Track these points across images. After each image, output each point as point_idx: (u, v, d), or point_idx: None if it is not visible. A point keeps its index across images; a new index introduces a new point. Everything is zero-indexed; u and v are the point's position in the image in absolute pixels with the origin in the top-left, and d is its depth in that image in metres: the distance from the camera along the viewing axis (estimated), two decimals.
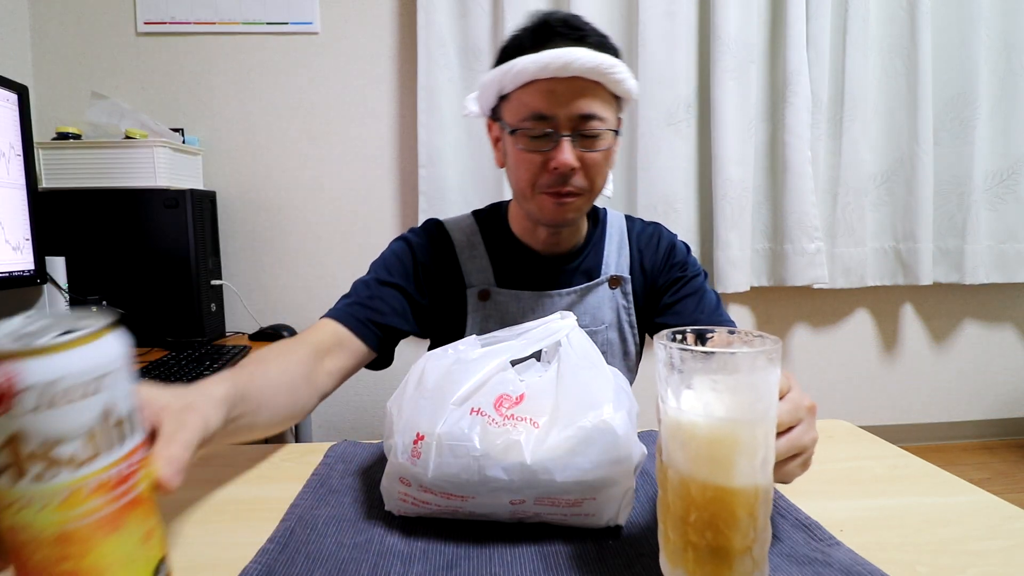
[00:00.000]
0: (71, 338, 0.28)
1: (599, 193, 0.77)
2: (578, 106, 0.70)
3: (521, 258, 0.83)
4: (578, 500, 0.41)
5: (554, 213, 0.74)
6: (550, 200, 0.73)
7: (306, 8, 1.70)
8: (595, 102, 0.70)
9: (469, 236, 0.84)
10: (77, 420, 0.28)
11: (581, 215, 0.78)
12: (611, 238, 0.86)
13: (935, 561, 0.40)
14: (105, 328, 0.30)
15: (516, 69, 0.70)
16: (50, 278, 1.29)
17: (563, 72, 0.68)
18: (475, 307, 0.82)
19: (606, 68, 0.69)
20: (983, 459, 1.91)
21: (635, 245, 0.87)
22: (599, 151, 0.72)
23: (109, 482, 0.29)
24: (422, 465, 0.42)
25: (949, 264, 1.86)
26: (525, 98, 0.71)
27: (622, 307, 0.85)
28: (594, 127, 0.71)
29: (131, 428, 0.31)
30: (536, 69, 0.68)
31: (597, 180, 0.74)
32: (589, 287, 0.83)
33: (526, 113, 0.71)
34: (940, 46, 1.80)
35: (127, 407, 0.31)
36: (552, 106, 0.69)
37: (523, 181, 0.74)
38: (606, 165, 0.75)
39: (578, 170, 0.72)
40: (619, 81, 0.71)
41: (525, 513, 0.43)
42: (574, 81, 0.69)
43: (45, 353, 0.27)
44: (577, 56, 0.67)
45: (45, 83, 1.67)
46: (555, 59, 0.67)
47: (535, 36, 0.71)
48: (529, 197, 0.75)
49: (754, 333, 0.35)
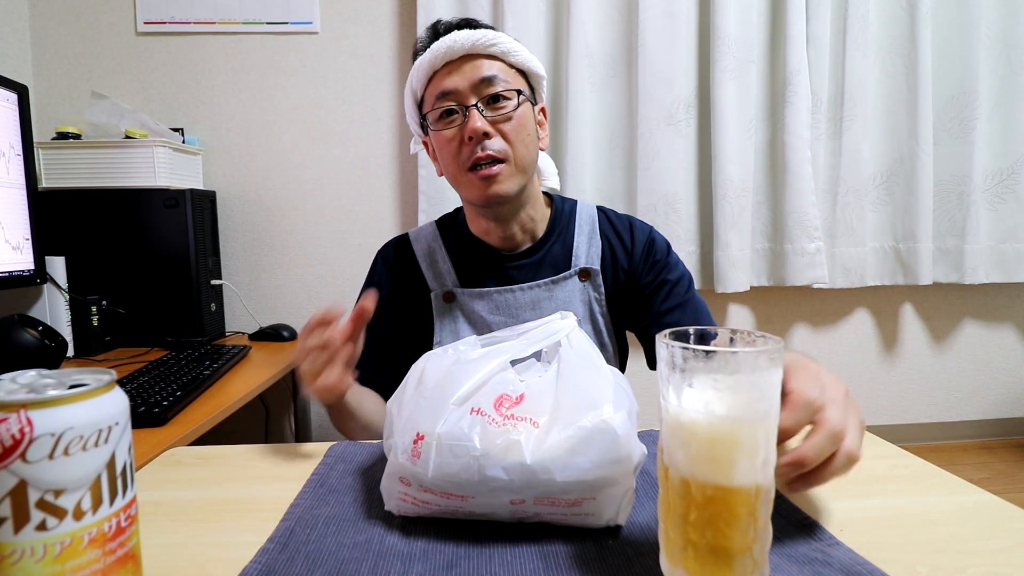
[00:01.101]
0: (82, 391, 0.29)
1: (528, 164, 0.78)
2: (474, 72, 0.75)
3: (482, 257, 0.84)
4: (578, 500, 0.41)
5: (483, 187, 0.75)
6: (476, 177, 0.75)
7: (306, 8, 1.70)
8: (492, 67, 0.76)
9: (430, 243, 0.87)
10: (83, 470, 0.29)
11: (515, 187, 0.77)
12: (581, 229, 0.86)
13: (935, 561, 0.40)
14: (111, 383, 0.31)
15: (416, 69, 0.77)
16: (50, 278, 1.29)
17: (452, 54, 0.75)
18: (441, 310, 0.84)
19: (489, 39, 0.75)
20: (983, 459, 1.91)
21: (606, 236, 0.86)
22: (507, 112, 0.75)
23: (105, 535, 0.30)
24: (422, 465, 0.42)
25: (949, 264, 1.86)
26: (431, 89, 0.77)
27: (594, 299, 0.84)
28: (497, 85, 0.75)
29: (130, 481, 0.32)
30: (430, 60, 0.75)
31: (517, 146, 0.76)
32: (557, 280, 0.83)
33: (433, 98, 0.77)
34: (940, 46, 1.80)
35: (127, 460, 0.32)
36: (451, 80, 0.75)
37: (450, 164, 0.78)
38: (523, 131, 0.77)
39: (493, 135, 0.74)
40: (507, 52, 0.76)
41: (525, 513, 0.43)
42: (467, 58, 0.75)
43: (57, 404, 0.28)
44: (459, 37, 0.74)
45: (45, 83, 1.67)
46: (441, 45, 0.75)
47: (427, 40, 0.79)
48: (461, 180, 0.78)
49: (756, 333, 0.35)
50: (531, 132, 0.78)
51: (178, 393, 0.92)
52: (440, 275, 0.85)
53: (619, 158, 1.78)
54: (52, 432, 0.28)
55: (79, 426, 0.29)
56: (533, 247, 0.84)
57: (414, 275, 0.86)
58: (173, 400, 0.89)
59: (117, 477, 0.31)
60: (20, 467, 0.27)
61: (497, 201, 0.77)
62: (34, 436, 0.27)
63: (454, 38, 0.74)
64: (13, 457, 0.27)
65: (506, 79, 0.76)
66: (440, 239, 0.87)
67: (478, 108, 0.74)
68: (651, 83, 1.69)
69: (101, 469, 0.30)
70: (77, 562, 0.29)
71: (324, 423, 1.83)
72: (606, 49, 1.75)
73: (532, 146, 0.79)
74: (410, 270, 0.86)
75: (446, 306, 0.84)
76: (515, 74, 0.78)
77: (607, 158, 1.78)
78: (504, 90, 0.75)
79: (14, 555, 0.27)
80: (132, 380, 0.99)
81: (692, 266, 1.80)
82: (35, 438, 0.27)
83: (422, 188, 1.69)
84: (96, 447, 0.29)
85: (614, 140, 1.78)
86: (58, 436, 0.28)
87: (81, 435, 0.29)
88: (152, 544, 0.41)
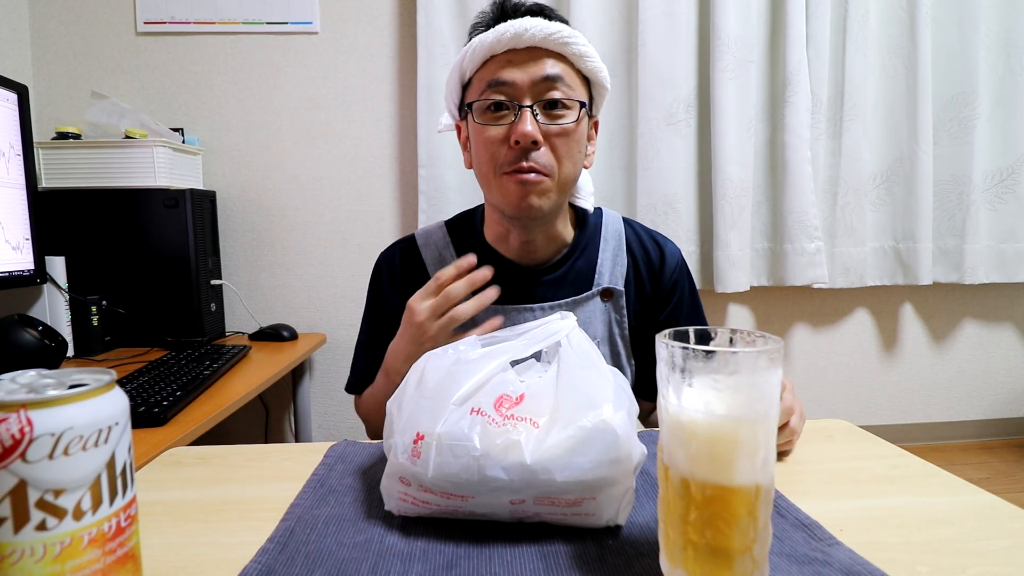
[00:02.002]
0: (82, 391, 0.29)
1: (570, 183, 0.71)
2: (537, 69, 0.66)
3: (500, 270, 0.71)
4: (578, 500, 0.41)
5: (519, 195, 0.67)
6: (513, 181, 0.67)
7: (306, 8, 1.70)
8: (557, 67, 0.67)
9: (441, 251, 0.80)
10: (83, 470, 0.29)
11: (550, 204, 0.70)
12: (606, 244, 0.79)
13: (935, 561, 0.40)
14: (111, 383, 0.31)
15: (472, 48, 0.68)
16: (50, 278, 1.29)
17: (518, 42, 0.66)
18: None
19: (565, 36, 0.66)
20: (983, 459, 1.91)
21: (634, 255, 0.80)
22: (565, 124, 0.67)
23: (105, 535, 0.30)
24: (422, 465, 0.42)
25: (949, 264, 1.86)
26: (484, 74, 0.69)
27: (615, 321, 0.77)
28: (558, 91, 0.67)
29: (130, 481, 0.32)
30: (491, 42, 0.66)
31: (565, 162, 0.68)
32: (579, 300, 0.76)
33: (484, 84, 0.68)
34: (940, 46, 1.80)
35: (127, 460, 0.32)
36: (510, 71, 0.66)
37: (485, 164, 0.69)
38: (575, 147, 0.69)
39: (542, 145, 0.66)
40: (581, 55, 0.68)
41: (525, 513, 0.43)
42: (533, 50, 0.67)
43: (57, 404, 0.28)
44: (531, 25, 0.65)
45: (45, 83, 1.67)
46: (508, 28, 0.65)
47: (491, 18, 0.70)
48: (493, 183, 0.70)
49: (756, 333, 0.35)
50: (582, 149, 0.71)
51: (178, 393, 0.92)
52: None
53: (619, 158, 1.78)
54: (52, 432, 0.28)
55: (79, 426, 0.29)
56: (557, 263, 0.77)
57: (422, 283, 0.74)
58: (173, 400, 0.89)
59: (117, 477, 0.31)
60: (20, 467, 0.27)
61: (528, 215, 0.69)
62: (34, 436, 0.27)
63: (526, 25, 0.65)
64: (13, 457, 0.27)
65: (570, 85, 0.68)
66: (452, 246, 0.80)
67: (532, 111, 0.66)
68: (651, 83, 1.69)
69: (101, 469, 0.30)
70: (77, 562, 0.29)
71: (324, 423, 1.83)
72: (606, 49, 1.75)
73: (579, 164, 0.71)
74: (418, 279, 0.76)
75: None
76: (580, 81, 0.70)
77: (607, 158, 1.78)
78: (566, 98, 0.67)
79: (14, 555, 0.27)
80: (132, 380, 0.99)
81: (692, 266, 1.80)
82: (35, 438, 0.27)
83: (422, 188, 1.69)
84: (96, 447, 0.29)
85: (614, 140, 1.78)
86: (58, 436, 0.28)
87: (81, 435, 0.29)
88: (152, 544, 0.41)
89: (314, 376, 1.82)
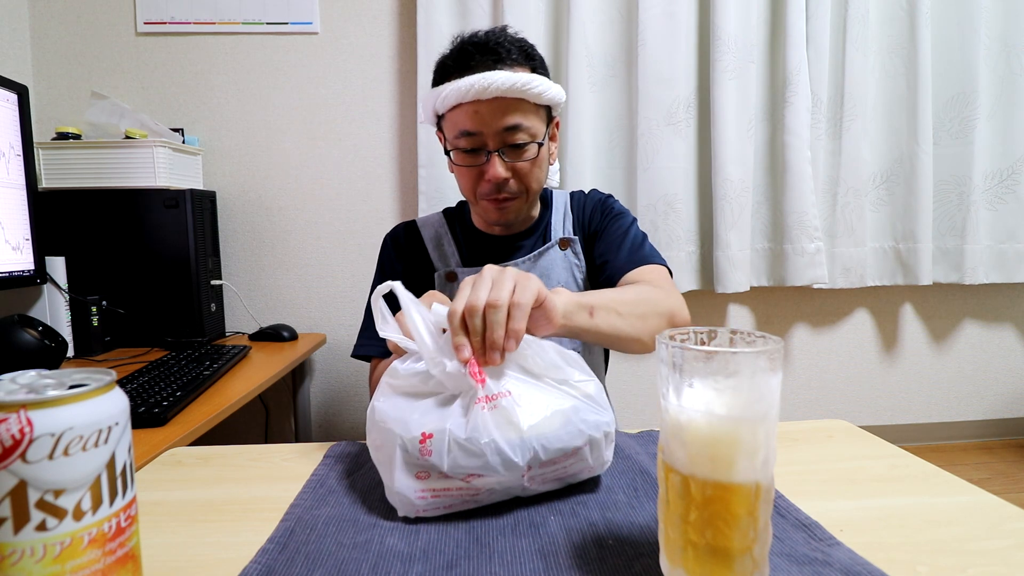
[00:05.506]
0: (81, 391, 0.29)
1: (538, 192, 0.87)
2: (502, 121, 0.78)
3: (484, 243, 0.94)
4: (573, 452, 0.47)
5: (496, 216, 0.85)
6: (490, 205, 0.84)
7: (306, 8, 1.70)
8: (517, 115, 0.78)
9: (437, 229, 0.96)
10: (83, 470, 0.29)
11: (522, 214, 0.88)
12: (557, 210, 0.95)
13: (935, 561, 0.40)
14: (111, 383, 0.31)
15: (443, 95, 0.78)
16: (50, 278, 1.29)
17: (484, 95, 0.76)
18: (443, 288, 0.91)
19: (522, 85, 0.76)
20: (983, 459, 1.91)
21: (574, 210, 0.95)
22: (527, 160, 0.81)
23: (105, 535, 0.30)
24: (436, 458, 0.44)
25: (949, 264, 1.86)
26: (455, 118, 0.80)
27: (574, 265, 0.92)
28: (520, 137, 0.79)
29: (130, 481, 0.32)
30: (459, 95, 0.77)
31: (531, 184, 0.84)
32: (541, 252, 0.91)
33: (457, 131, 0.80)
34: (940, 46, 1.80)
35: (127, 460, 0.32)
36: (478, 124, 0.78)
37: (466, 190, 0.86)
38: (538, 169, 0.84)
39: (510, 179, 0.81)
40: (539, 94, 0.78)
41: (534, 481, 0.46)
42: (496, 100, 0.77)
43: (57, 404, 0.28)
44: (494, 79, 0.75)
45: (45, 83, 1.67)
46: (474, 84, 0.75)
47: (457, 62, 0.80)
48: (474, 203, 0.87)
49: (756, 333, 0.35)
50: (545, 166, 0.86)
51: (178, 393, 0.92)
52: (445, 257, 0.93)
53: (619, 158, 1.78)
54: (52, 432, 0.28)
55: (79, 426, 0.29)
56: (527, 231, 0.93)
57: (421, 256, 0.94)
58: (173, 400, 0.89)
59: (117, 477, 0.31)
60: (20, 467, 0.27)
61: (504, 225, 0.89)
62: (34, 436, 0.27)
63: (489, 80, 0.75)
64: (13, 457, 0.27)
65: (530, 126, 0.79)
66: (447, 226, 0.96)
67: (500, 154, 0.79)
68: (651, 83, 1.69)
69: (101, 469, 0.30)
70: (77, 562, 0.29)
71: (324, 423, 1.83)
72: (606, 49, 1.75)
73: (544, 176, 0.87)
74: (417, 251, 0.95)
75: (448, 284, 0.91)
76: (540, 114, 0.82)
77: (607, 158, 1.78)
78: (528, 140, 0.80)
79: (14, 555, 0.27)
80: (132, 380, 0.99)
81: (692, 266, 1.80)
82: (35, 438, 0.27)
83: (422, 188, 1.69)
84: (96, 447, 0.29)
85: (614, 140, 1.78)
86: (58, 436, 0.28)
87: (81, 435, 0.29)
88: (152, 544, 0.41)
89: (314, 376, 1.82)
